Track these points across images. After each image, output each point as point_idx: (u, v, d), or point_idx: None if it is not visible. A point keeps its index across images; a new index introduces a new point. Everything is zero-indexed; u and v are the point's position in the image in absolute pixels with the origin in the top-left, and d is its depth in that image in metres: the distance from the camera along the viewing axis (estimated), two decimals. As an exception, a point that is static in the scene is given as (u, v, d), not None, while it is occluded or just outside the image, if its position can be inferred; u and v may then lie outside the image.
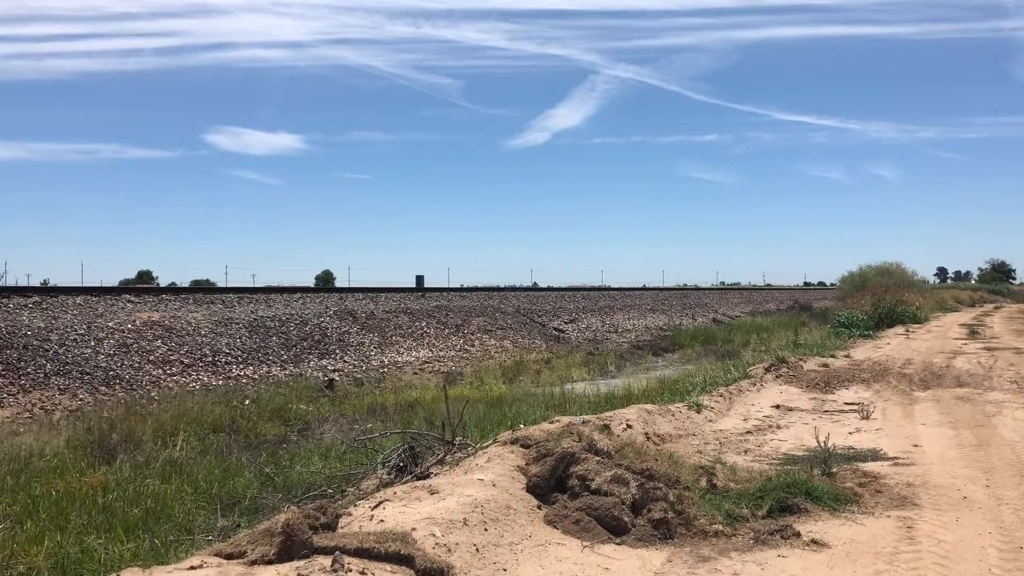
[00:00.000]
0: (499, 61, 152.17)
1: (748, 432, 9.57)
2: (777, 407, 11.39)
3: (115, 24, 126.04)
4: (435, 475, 6.55)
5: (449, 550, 4.49)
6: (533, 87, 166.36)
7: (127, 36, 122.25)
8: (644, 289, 54.64)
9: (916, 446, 8.44)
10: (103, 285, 29.47)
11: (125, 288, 26.16)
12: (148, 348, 16.01)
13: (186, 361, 16.10)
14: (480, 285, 42.25)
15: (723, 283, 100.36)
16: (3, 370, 13.20)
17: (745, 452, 8.37)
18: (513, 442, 7.00)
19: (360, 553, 4.11)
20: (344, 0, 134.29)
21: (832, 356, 17.96)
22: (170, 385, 14.72)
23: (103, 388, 13.78)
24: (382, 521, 4.79)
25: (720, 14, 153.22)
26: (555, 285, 50.18)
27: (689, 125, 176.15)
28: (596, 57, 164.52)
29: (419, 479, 6.46)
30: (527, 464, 6.40)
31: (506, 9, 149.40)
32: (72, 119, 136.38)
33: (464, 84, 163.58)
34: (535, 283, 70.90)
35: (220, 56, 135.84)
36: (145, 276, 71.73)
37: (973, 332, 25.80)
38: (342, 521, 4.78)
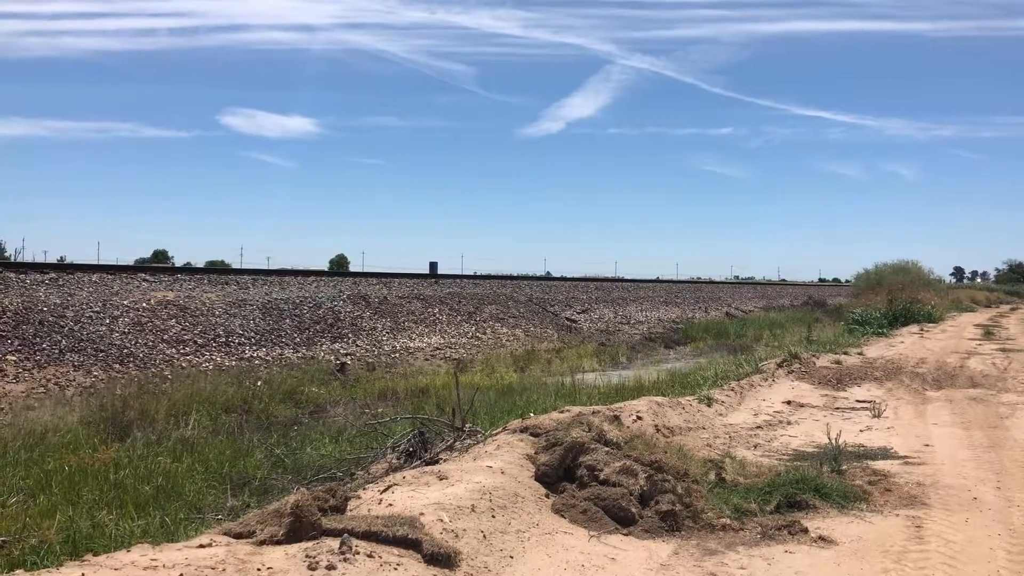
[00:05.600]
0: (514, 49, 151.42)
1: (758, 427, 9.55)
2: (788, 403, 11.36)
3: (130, 3, 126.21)
4: (444, 461, 6.57)
5: (456, 536, 4.51)
6: (548, 76, 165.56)
7: (142, 16, 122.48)
8: (657, 281, 54.38)
9: (927, 446, 8.40)
10: (119, 263, 29.64)
11: (140, 267, 26.32)
12: (162, 327, 16.12)
13: (200, 341, 16.20)
14: (493, 273, 42.27)
15: (737, 277, 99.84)
16: (19, 345, 13.33)
17: (755, 447, 8.36)
18: (523, 430, 7.02)
19: (368, 536, 4.13)
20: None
21: (845, 353, 17.87)
22: (183, 365, 14.82)
23: (117, 366, 13.89)
24: (391, 505, 4.82)
25: (737, 6, 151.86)
26: (568, 275, 50.11)
27: (704, 118, 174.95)
28: (612, 47, 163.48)
29: (428, 464, 6.49)
30: (536, 453, 6.41)
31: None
32: (88, 97, 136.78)
33: (478, 71, 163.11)
34: (548, 272, 70.76)
35: (234, 38, 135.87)
36: (160, 256, 72.11)
37: (988, 333, 25.61)
38: (351, 504, 4.80)
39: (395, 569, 3.93)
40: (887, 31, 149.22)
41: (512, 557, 4.65)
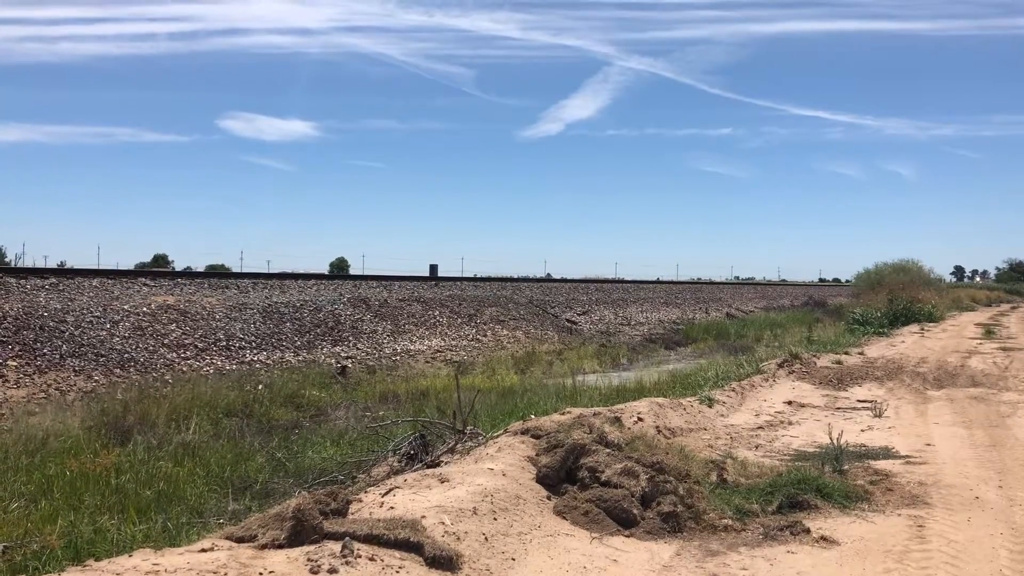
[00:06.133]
0: (512, 51, 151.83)
1: (759, 427, 9.54)
2: (789, 403, 11.35)
3: (128, 8, 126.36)
4: (445, 464, 6.57)
5: (458, 538, 4.51)
6: (546, 78, 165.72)
7: (140, 20, 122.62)
8: (658, 282, 54.43)
9: (929, 445, 8.39)
10: (119, 268, 29.65)
11: (141, 271, 26.34)
12: (163, 332, 16.12)
13: (200, 345, 16.20)
14: (494, 275, 42.31)
15: (737, 278, 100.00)
16: (20, 351, 13.33)
17: (756, 447, 8.35)
18: (524, 432, 7.01)
19: (370, 539, 4.12)
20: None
21: (846, 353, 17.87)
22: (184, 369, 14.81)
23: (118, 370, 13.89)
24: (392, 508, 4.81)
25: (734, 7, 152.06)
26: (568, 276, 50.14)
27: (703, 118, 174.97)
28: (610, 48, 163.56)
29: (429, 467, 6.48)
30: (537, 455, 6.41)
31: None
32: (88, 102, 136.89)
33: (477, 74, 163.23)
34: (548, 274, 70.72)
35: (233, 42, 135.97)
36: (161, 260, 72.16)
37: (989, 332, 25.60)
38: (352, 507, 4.80)
39: (397, 572, 3.93)
40: (886, 31, 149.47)
41: (514, 559, 4.65)
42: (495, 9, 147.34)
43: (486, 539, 4.69)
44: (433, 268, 38.93)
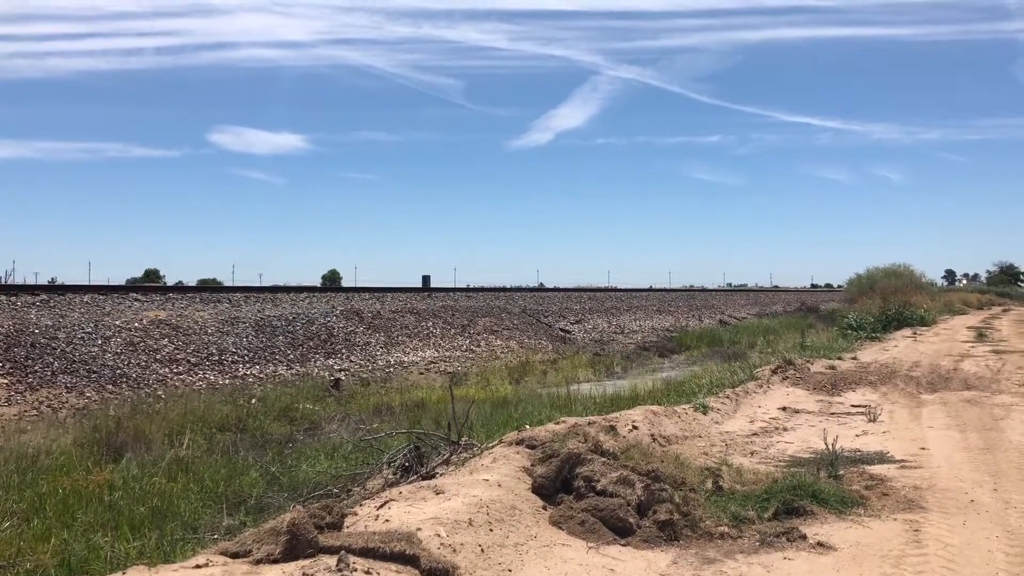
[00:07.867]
0: (500, 62, 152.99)
1: (754, 434, 9.54)
2: (783, 409, 11.35)
3: (116, 23, 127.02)
4: (441, 475, 6.55)
5: (454, 550, 4.49)
6: (535, 88, 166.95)
7: (128, 35, 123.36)
8: (650, 290, 54.60)
9: (923, 449, 8.40)
10: (110, 284, 29.58)
11: (132, 287, 26.26)
12: (155, 347, 16.05)
13: (193, 360, 16.13)
14: (486, 285, 42.35)
15: (730, 284, 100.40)
16: (11, 368, 13.25)
17: (751, 454, 8.35)
18: (519, 443, 7.00)
19: (365, 553, 4.10)
20: (344, 0, 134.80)
21: (839, 358, 17.89)
22: (176, 384, 14.75)
23: (110, 386, 13.82)
24: (387, 521, 4.79)
25: (721, 15, 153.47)
26: (561, 286, 50.16)
27: (692, 126, 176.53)
28: (598, 58, 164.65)
29: (425, 479, 6.47)
30: (533, 465, 6.39)
31: (507, 9, 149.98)
32: (76, 118, 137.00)
33: (466, 84, 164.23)
34: (541, 283, 70.87)
35: (222, 56, 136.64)
36: (152, 275, 72.03)
37: (981, 335, 25.67)
38: (347, 521, 4.78)
39: (393, 585, 3.91)
40: (871, 37, 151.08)
41: (510, 571, 4.63)
42: (483, 20, 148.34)
43: (482, 550, 4.67)
44: (426, 279, 38.91)
